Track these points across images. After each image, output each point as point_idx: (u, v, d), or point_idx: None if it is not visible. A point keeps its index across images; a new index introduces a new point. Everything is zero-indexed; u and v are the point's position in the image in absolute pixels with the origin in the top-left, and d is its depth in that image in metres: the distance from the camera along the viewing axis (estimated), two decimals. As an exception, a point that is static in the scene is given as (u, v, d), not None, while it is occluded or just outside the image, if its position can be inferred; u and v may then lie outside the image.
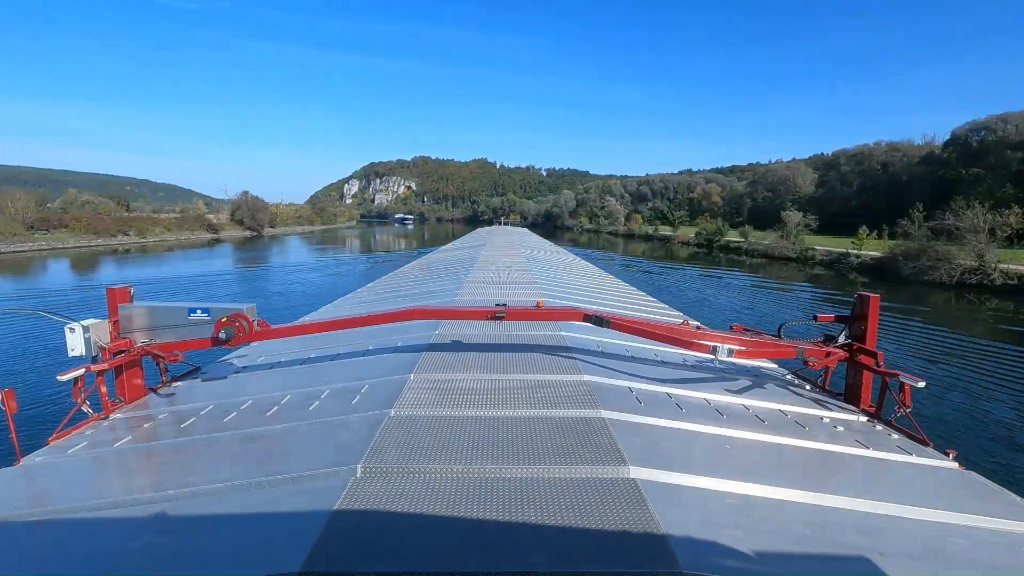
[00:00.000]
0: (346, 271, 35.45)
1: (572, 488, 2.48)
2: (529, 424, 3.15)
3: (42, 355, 13.23)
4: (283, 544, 1.98)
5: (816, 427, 3.63)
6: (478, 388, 3.76)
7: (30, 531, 2.33)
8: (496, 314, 4.53)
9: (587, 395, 3.63)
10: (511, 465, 2.65)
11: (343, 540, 1.96)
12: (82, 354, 3.87)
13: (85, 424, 3.66)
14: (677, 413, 3.54)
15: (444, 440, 2.90)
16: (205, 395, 4.18)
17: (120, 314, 4.18)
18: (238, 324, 4.13)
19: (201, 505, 2.44)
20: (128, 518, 2.38)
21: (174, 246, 56.13)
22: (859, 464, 3.13)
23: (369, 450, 2.73)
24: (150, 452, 3.16)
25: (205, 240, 65.02)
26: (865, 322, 4.19)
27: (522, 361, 4.45)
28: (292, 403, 3.74)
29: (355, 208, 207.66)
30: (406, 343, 5.10)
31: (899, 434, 3.65)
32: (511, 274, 11.36)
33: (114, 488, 2.65)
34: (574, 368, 4.24)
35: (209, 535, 2.20)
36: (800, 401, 4.17)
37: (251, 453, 3.01)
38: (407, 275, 13.73)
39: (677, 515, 2.22)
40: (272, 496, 2.45)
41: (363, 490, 2.37)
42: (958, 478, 3.04)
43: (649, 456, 2.79)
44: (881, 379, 3.95)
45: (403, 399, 3.48)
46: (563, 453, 2.76)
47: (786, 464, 3.02)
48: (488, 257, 15.29)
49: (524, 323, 5.54)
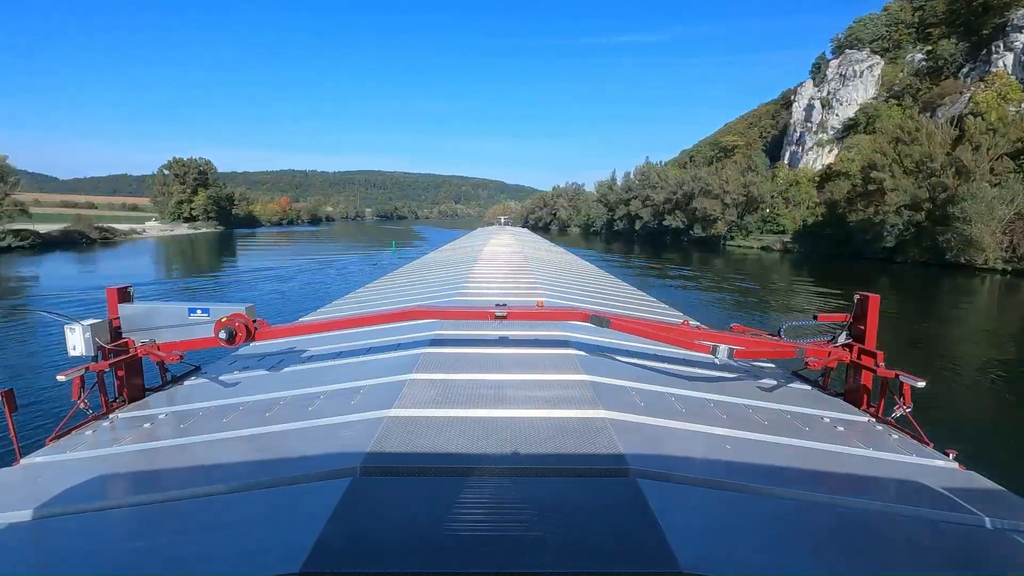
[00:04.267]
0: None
1: (572, 488, 2.47)
2: (529, 424, 3.15)
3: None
4: (283, 544, 1.98)
5: (816, 427, 3.63)
6: (478, 388, 3.75)
7: (30, 531, 2.33)
8: (496, 314, 4.53)
9: (587, 395, 3.63)
10: (511, 465, 2.65)
11: (343, 540, 1.96)
12: (82, 354, 3.87)
13: (85, 424, 3.66)
14: (677, 413, 3.54)
15: (444, 440, 2.90)
16: (205, 395, 4.18)
17: (120, 314, 4.18)
18: (238, 324, 4.13)
19: (201, 505, 2.44)
20: (128, 518, 2.38)
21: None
22: (859, 464, 3.13)
23: (369, 450, 2.73)
24: (150, 452, 3.15)
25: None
26: (865, 322, 4.19)
27: (522, 361, 4.45)
28: (292, 403, 3.74)
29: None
30: (406, 343, 5.10)
31: (899, 434, 3.65)
32: (511, 274, 11.36)
33: (114, 488, 2.65)
34: (574, 368, 4.24)
35: (209, 535, 2.20)
36: (800, 401, 4.17)
37: (251, 453, 3.00)
38: (407, 275, 13.74)
39: (677, 515, 2.22)
40: (272, 496, 2.45)
41: (363, 490, 2.37)
42: (958, 478, 3.04)
43: (649, 456, 2.78)
44: (881, 379, 3.95)
45: (403, 399, 3.48)
46: (563, 453, 2.76)
47: (786, 464, 3.02)
48: (488, 257, 15.29)
49: (524, 323, 5.54)
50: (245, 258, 47.10)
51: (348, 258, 44.45)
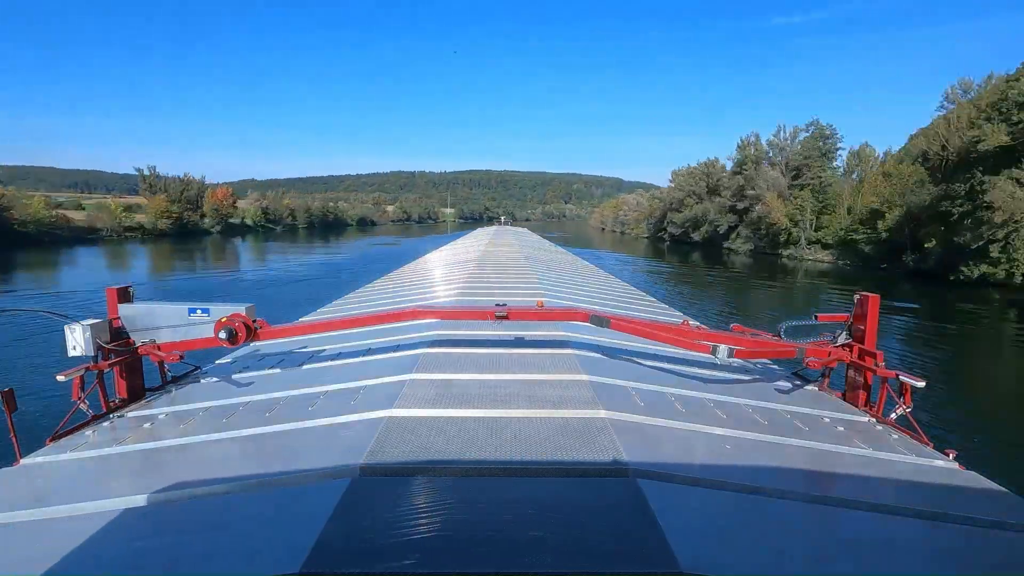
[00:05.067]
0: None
1: (572, 488, 2.47)
2: (529, 424, 3.15)
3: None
4: (283, 544, 1.98)
5: (816, 427, 3.63)
6: (478, 388, 3.75)
7: (30, 531, 2.33)
8: (496, 314, 4.53)
9: (587, 395, 3.63)
10: (511, 465, 2.65)
11: (343, 540, 1.96)
12: (82, 354, 3.87)
13: (85, 424, 3.66)
14: (677, 413, 3.54)
15: (444, 440, 2.90)
16: (205, 395, 4.18)
17: (120, 314, 4.18)
18: (238, 324, 4.13)
19: (201, 505, 2.44)
20: (128, 518, 2.38)
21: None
22: (859, 464, 3.13)
23: (369, 450, 2.73)
24: (150, 452, 3.15)
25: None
26: (865, 322, 4.19)
27: (522, 361, 4.45)
28: (292, 403, 3.74)
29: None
30: (406, 343, 5.10)
31: (899, 434, 3.65)
32: (511, 273, 11.37)
33: (114, 488, 2.65)
34: (574, 368, 4.24)
35: (209, 535, 2.20)
36: (800, 401, 4.17)
37: (251, 453, 3.01)
38: (407, 275, 13.74)
39: (677, 515, 2.22)
40: (272, 496, 2.45)
41: (363, 490, 2.37)
42: (958, 478, 3.04)
43: (649, 456, 2.79)
44: (881, 379, 3.95)
45: (403, 399, 3.48)
46: (563, 453, 2.76)
47: (786, 464, 3.02)
48: (488, 257, 15.29)
49: (524, 323, 5.54)
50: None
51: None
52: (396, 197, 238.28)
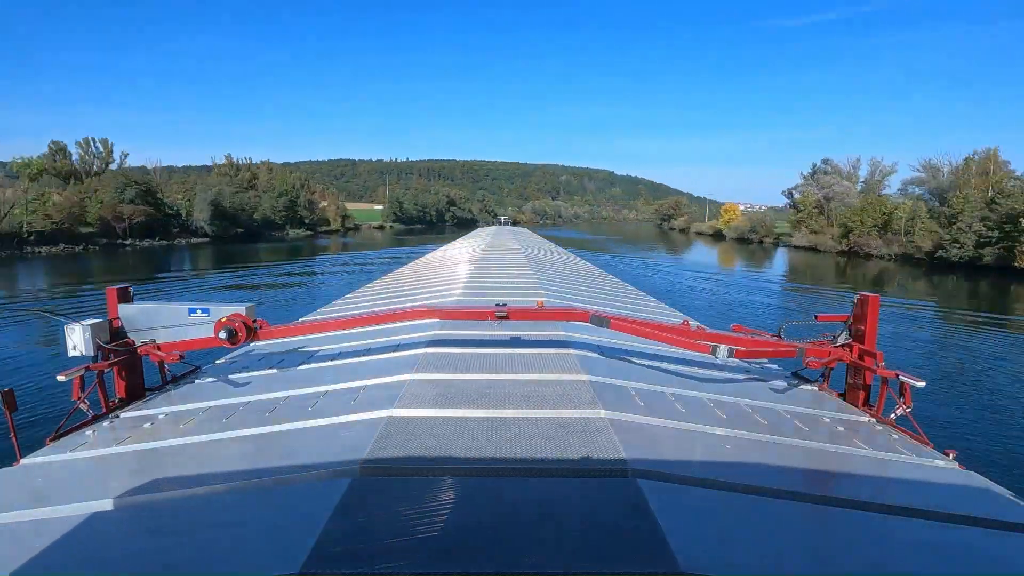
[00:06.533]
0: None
1: (572, 488, 2.47)
2: (529, 424, 3.15)
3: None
4: (283, 545, 1.98)
5: (816, 427, 3.63)
6: (478, 388, 3.75)
7: (30, 531, 2.33)
8: (496, 314, 4.53)
9: (587, 395, 3.63)
10: (511, 465, 2.65)
11: (343, 541, 1.96)
12: (82, 354, 3.87)
13: (85, 424, 3.66)
14: (677, 413, 3.54)
15: (444, 440, 2.90)
16: (205, 395, 4.18)
17: (120, 314, 4.18)
18: (238, 324, 4.13)
19: (200, 505, 2.44)
20: (128, 518, 2.38)
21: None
22: (859, 464, 3.13)
23: (369, 450, 2.73)
24: (150, 452, 3.15)
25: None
26: (865, 322, 4.20)
27: (522, 361, 4.45)
28: (292, 403, 3.74)
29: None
30: (406, 343, 5.10)
31: (899, 434, 3.65)
32: (511, 273, 11.37)
33: (114, 488, 2.65)
34: (574, 368, 4.24)
35: (209, 536, 2.20)
36: (800, 401, 4.18)
37: (251, 453, 3.00)
38: (407, 275, 13.74)
39: (677, 515, 2.22)
40: (272, 496, 2.45)
41: (363, 491, 2.37)
42: (958, 478, 3.04)
43: (649, 456, 2.79)
44: (881, 379, 3.95)
45: (403, 399, 3.48)
46: (563, 453, 2.76)
47: (786, 464, 3.02)
48: (488, 256, 15.29)
49: (524, 323, 5.54)
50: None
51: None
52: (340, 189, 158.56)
